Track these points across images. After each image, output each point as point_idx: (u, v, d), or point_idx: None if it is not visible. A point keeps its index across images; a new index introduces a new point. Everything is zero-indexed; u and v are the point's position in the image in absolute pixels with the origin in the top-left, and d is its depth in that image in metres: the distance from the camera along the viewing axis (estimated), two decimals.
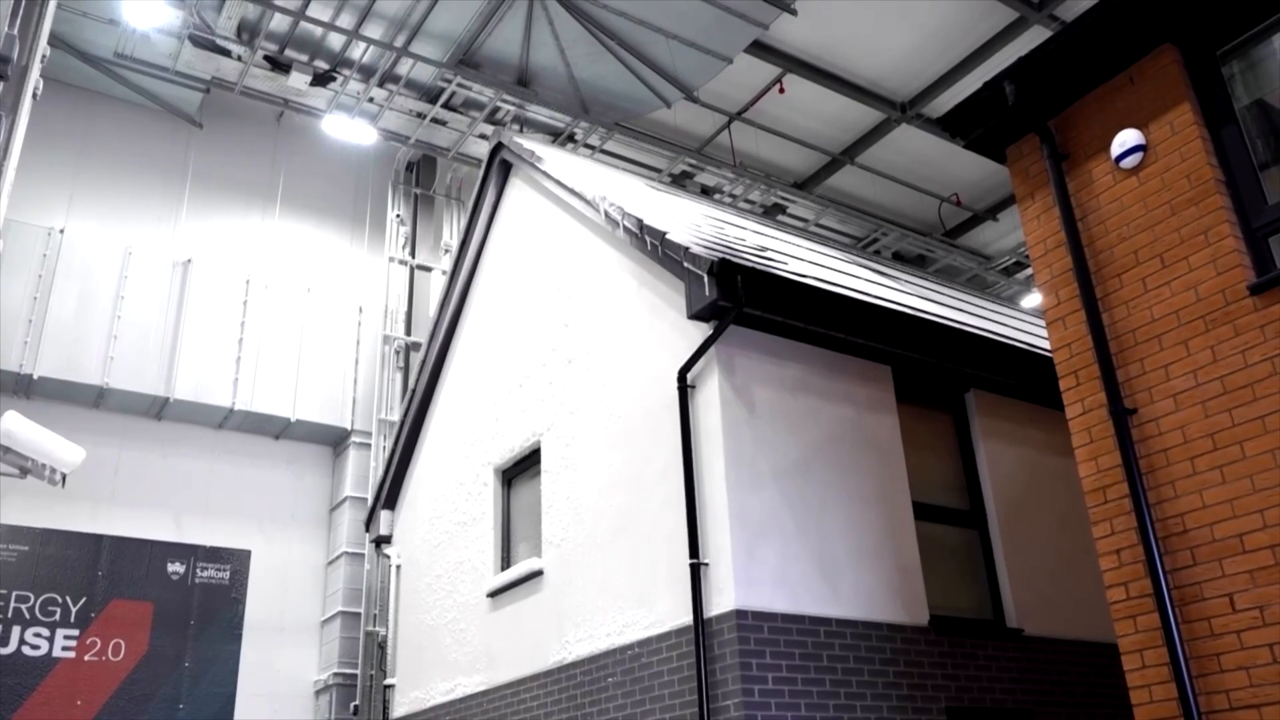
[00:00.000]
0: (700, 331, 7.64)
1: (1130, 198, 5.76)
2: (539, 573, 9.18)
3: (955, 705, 7.54)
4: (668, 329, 8.12)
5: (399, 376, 16.30)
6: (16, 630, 13.42)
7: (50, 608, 13.73)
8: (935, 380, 8.85)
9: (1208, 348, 5.20)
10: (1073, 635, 8.58)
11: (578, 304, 9.59)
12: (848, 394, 8.10)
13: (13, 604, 13.49)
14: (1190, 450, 5.17)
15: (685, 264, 7.58)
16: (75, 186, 15.70)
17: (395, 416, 15.62)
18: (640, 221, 8.37)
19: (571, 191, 9.85)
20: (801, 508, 7.39)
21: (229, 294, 15.87)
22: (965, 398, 9.07)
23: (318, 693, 15.31)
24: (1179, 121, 5.58)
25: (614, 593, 8.11)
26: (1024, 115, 6.22)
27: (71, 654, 13.70)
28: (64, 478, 11.24)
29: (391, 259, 17.13)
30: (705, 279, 7.29)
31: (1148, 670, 5.14)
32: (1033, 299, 20.40)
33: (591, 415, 8.92)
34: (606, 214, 9.03)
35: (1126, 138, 5.78)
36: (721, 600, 6.89)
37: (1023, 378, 9.01)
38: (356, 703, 14.37)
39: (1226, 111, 5.52)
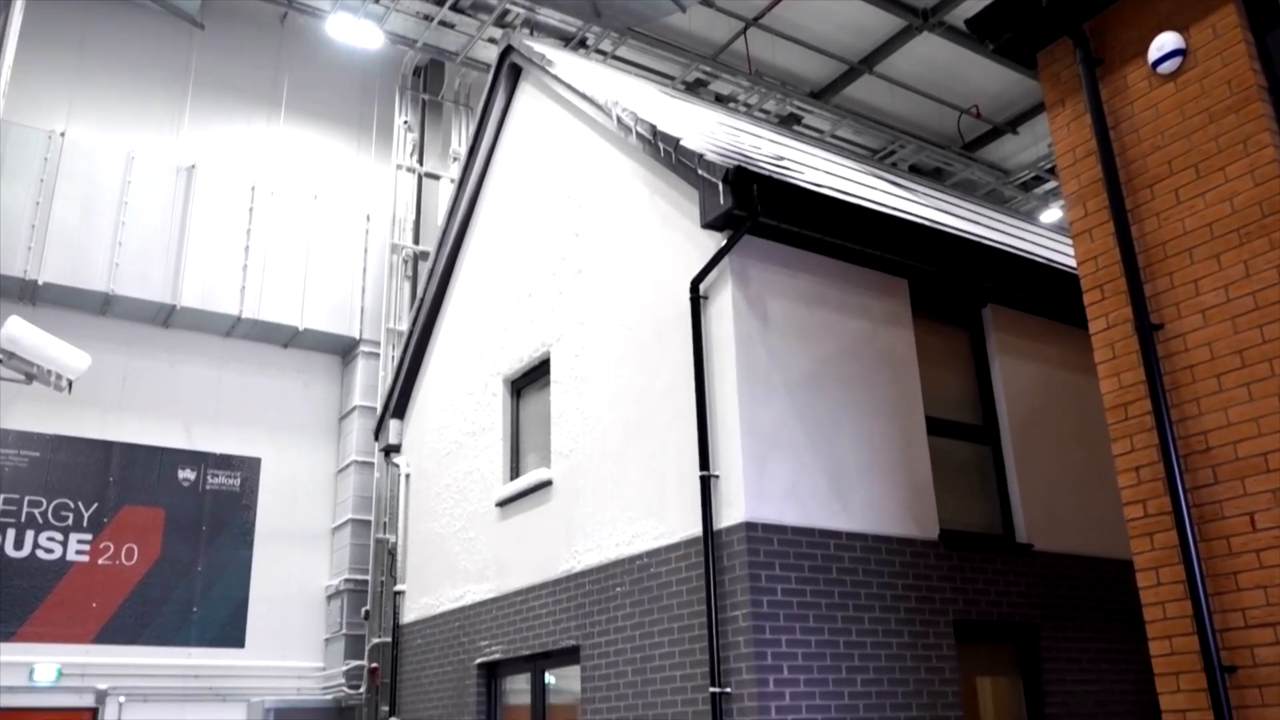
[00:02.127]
0: (714, 241, 7.47)
1: (1166, 105, 5.52)
2: (548, 483, 9.18)
3: (963, 618, 7.57)
4: (680, 238, 7.95)
5: (407, 286, 16.18)
6: (30, 534, 13.58)
7: (63, 512, 13.86)
8: (952, 294, 8.70)
9: (1241, 262, 5.03)
10: (1083, 551, 8.58)
11: (588, 212, 9.40)
12: (863, 307, 7.96)
13: (25, 508, 13.63)
14: (1217, 367, 5.04)
15: (700, 171, 7.38)
16: (75, 89, 15.38)
17: (403, 326, 15.54)
18: (653, 128, 8.14)
19: (583, 96, 9.58)
20: (813, 421, 7.31)
21: (234, 201, 15.66)
22: (982, 313, 8.92)
23: (329, 598, 15.55)
24: (1222, 24, 5.32)
25: (623, 503, 8.09)
26: (1057, 18, 5.94)
27: (85, 558, 13.88)
28: (70, 384, 11.23)
29: (399, 166, 16.85)
30: (720, 187, 7.09)
31: (1162, 588, 5.10)
32: (1051, 214, 20.08)
33: (602, 326, 8.81)
34: (619, 120, 8.78)
35: (1165, 41, 5.52)
36: (731, 512, 6.86)
37: (1040, 293, 8.85)
38: (367, 608, 14.59)
39: (1273, 15, 5.25)
